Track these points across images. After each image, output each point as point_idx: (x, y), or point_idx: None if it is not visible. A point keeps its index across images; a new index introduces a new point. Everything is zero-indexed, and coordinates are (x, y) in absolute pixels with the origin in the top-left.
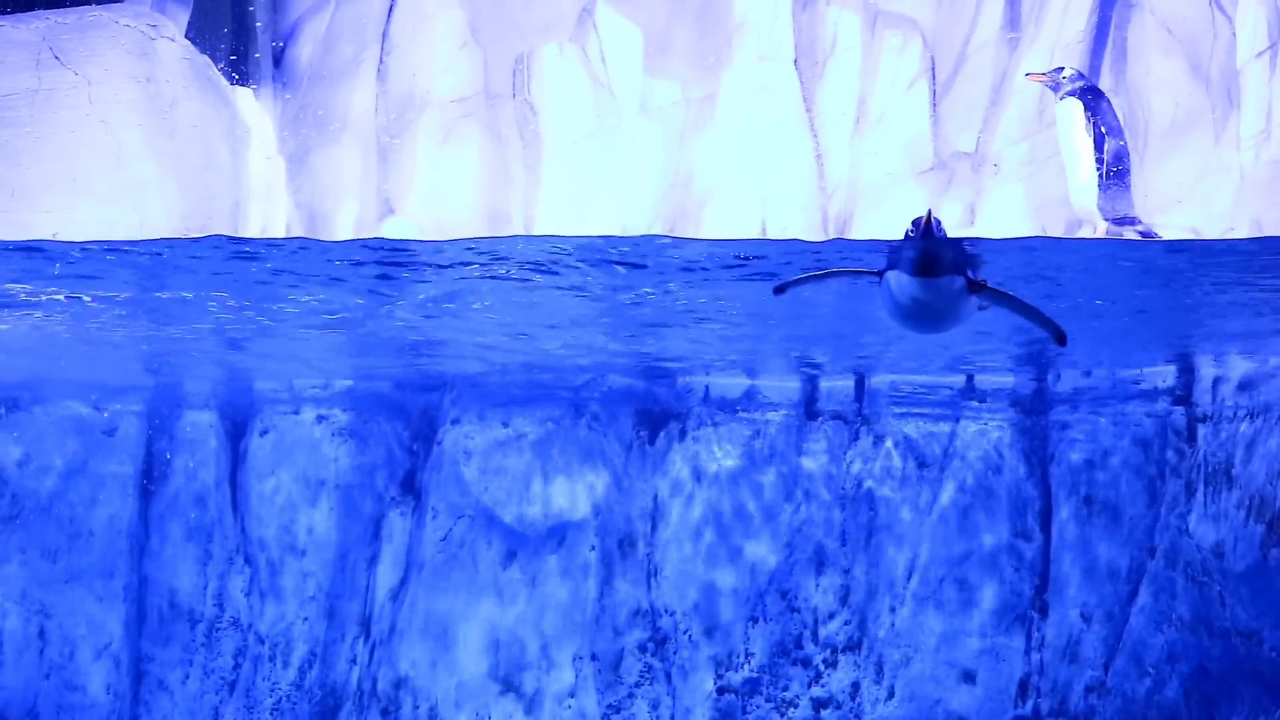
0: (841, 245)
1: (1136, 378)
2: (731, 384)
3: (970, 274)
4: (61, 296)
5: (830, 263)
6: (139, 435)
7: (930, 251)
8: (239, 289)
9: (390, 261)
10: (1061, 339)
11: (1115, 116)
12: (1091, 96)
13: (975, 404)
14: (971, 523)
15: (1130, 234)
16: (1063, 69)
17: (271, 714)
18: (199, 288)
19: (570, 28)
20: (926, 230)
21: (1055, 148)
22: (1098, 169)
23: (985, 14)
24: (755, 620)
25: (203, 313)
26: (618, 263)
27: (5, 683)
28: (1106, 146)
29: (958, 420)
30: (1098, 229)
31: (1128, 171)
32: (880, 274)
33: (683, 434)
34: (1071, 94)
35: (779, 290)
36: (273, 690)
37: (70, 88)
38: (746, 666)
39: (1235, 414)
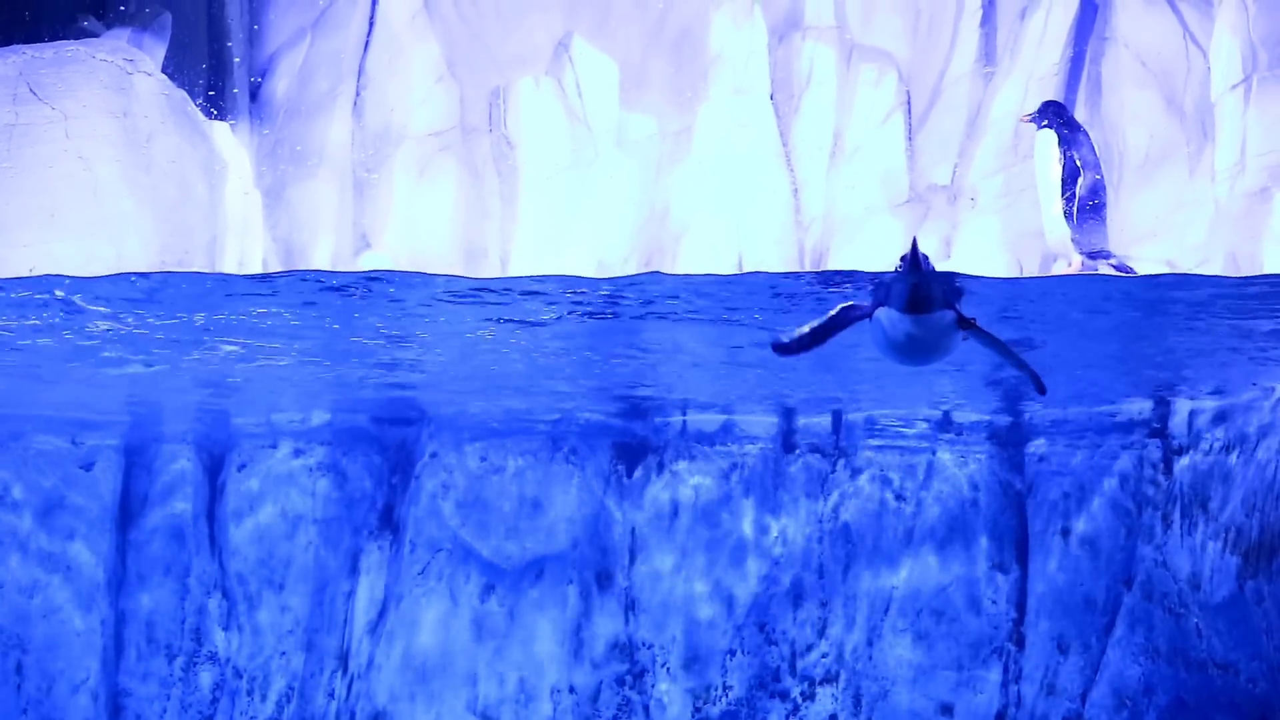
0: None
1: (1113, 411)
2: (709, 418)
3: (959, 309)
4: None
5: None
6: (116, 469)
7: (922, 289)
8: None
9: None
10: (1041, 388)
11: (1092, 149)
12: (1068, 129)
13: (952, 437)
14: (948, 555)
15: (1105, 268)
16: (1046, 104)
17: None
18: None
19: (546, 61)
20: (915, 264)
21: (1031, 180)
22: (1073, 203)
23: (960, 47)
24: (733, 653)
25: None
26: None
27: None
28: (1082, 180)
29: (935, 453)
30: (1073, 263)
31: (1104, 205)
32: (872, 315)
33: (660, 467)
34: (1051, 126)
35: (778, 349)
36: None
37: (47, 122)
38: (724, 699)
39: (1211, 446)
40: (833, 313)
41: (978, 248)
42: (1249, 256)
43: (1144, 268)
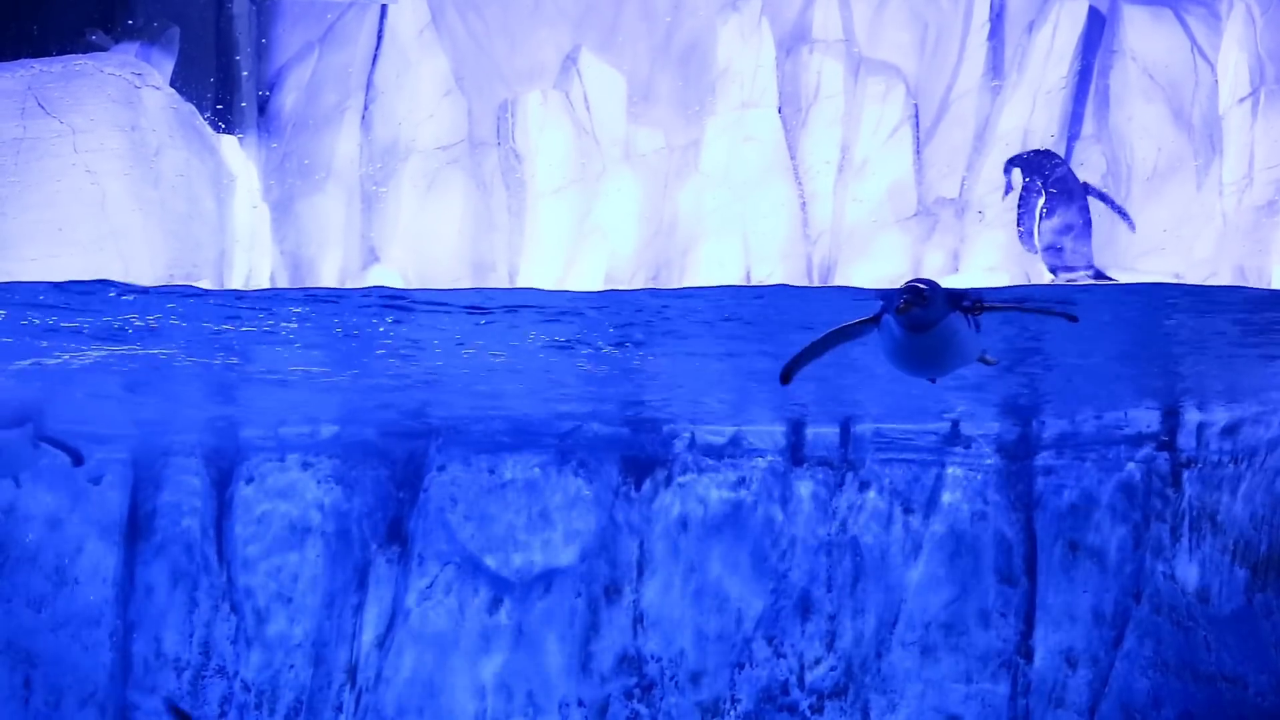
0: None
1: (1121, 422)
2: (717, 430)
3: (965, 302)
4: None
5: None
6: (124, 483)
7: (918, 304)
8: None
9: None
10: (1072, 318)
11: (1066, 167)
12: (1038, 158)
13: (961, 449)
14: (957, 568)
15: (1084, 279)
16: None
17: None
18: None
19: (554, 75)
20: (914, 292)
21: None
22: (1045, 221)
23: (968, 61)
24: (741, 666)
25: None
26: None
27: None
28: (1057, 200)
29: (943, 465)
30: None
31: (1089, 221)
32: (877, 319)
33: (669, 480)
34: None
35: (785, 379)
36: None
37: (55, 136)
38: (733, 713)
39: (1219, 459)
40: (829, 332)
41: (985, 261)
42: (1256, 270)
43: (1152, 281)
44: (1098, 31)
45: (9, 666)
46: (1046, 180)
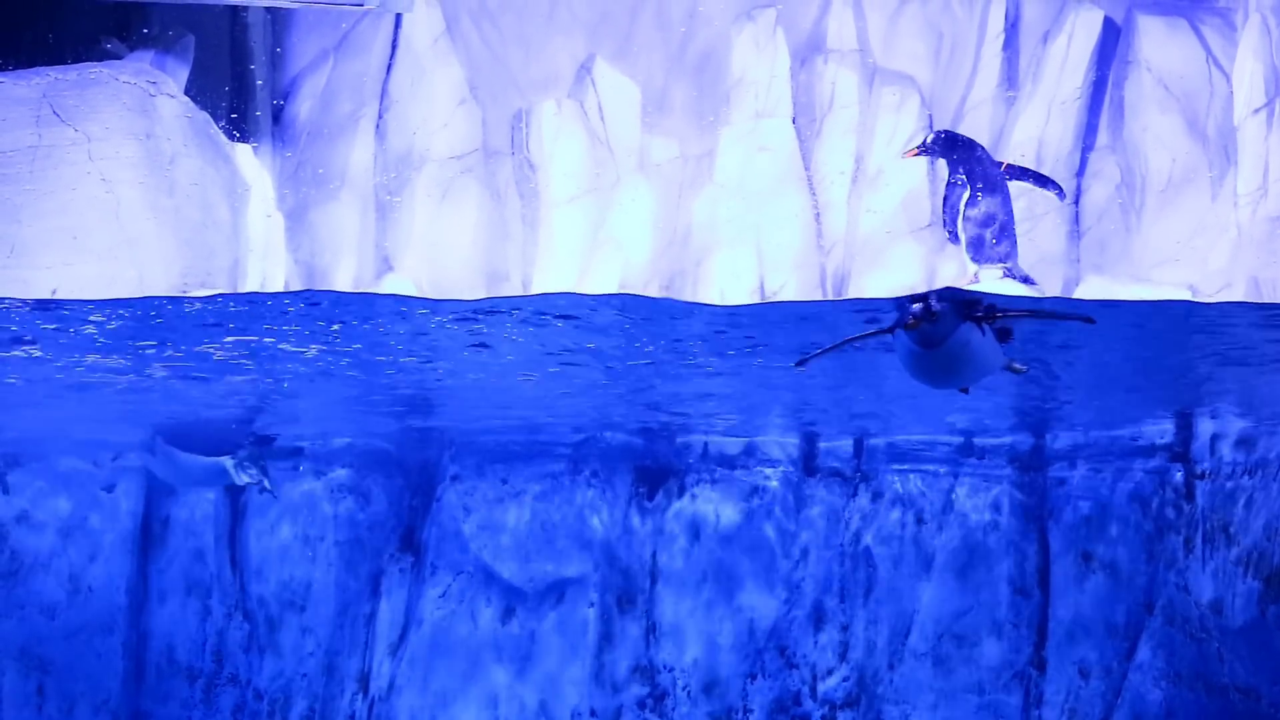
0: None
1: (1134, 434)
2: (730, 441)
3: (978, 311)
4: None
5: None
6: (138, 490)
7: (927, 320)
8: None
9: None
10: (1089, 320)
11: (995, 167)
12: (960, 151)
13: (974, 460)
14: (970, 579)
15: (998, 275)
16: (937, 135)
17: None
18: None
19: (568, 84)
20: (922, 308)
21: (1050, 204)
22: (972, 218)
23: (983, 72)
24: (754, 676)
25: None
26: None
27: None
28: (979, 196)
29: (956, 476)
30: (967, 274)
31: (1011, 220)
32: (893, 330)
33: (681, 490)
34: (939, 152)
35: (800, 364)
36: None
37: (70, 144)
38: None
39: (1233, 470)
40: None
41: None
42: (1271, 281)
43: (1165, 292)
44: (1113, 42)
45: (22, 674)
46: (963, 167)
